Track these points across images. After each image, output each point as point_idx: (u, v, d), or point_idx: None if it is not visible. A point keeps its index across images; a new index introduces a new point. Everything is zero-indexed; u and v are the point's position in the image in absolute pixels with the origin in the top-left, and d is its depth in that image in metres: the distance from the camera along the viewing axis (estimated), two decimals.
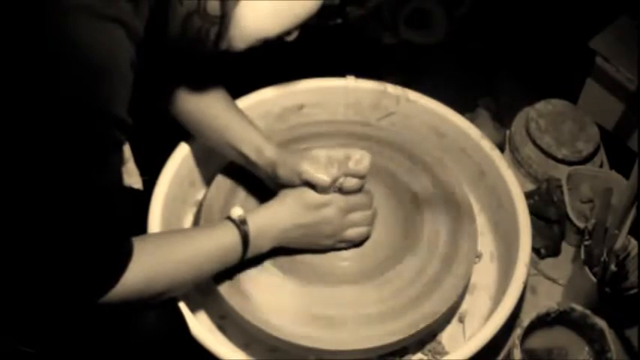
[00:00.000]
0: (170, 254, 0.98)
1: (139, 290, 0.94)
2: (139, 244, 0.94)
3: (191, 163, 1.31)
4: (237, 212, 1.06)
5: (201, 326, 1.09)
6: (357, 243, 1.18)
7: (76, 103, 0.81)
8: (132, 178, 1.21)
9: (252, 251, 1.08)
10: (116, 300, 0.91)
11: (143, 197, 1.21)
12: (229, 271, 1.14)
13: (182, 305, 1.09)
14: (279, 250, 1.15)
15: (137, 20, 0.86)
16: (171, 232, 1.14)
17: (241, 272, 1.14)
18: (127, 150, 1.21)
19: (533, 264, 1.36)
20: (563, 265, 1.39)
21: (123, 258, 0.91)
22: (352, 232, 1.15)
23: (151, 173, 1.24)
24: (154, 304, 0.98)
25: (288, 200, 1.10)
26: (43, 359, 0.97)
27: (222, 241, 1.04)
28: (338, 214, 1.12)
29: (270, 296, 1.13)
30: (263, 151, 1.16)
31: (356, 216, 1.14)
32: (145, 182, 1.23)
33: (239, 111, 1.20)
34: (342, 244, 1.16)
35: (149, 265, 0.94)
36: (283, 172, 1.13)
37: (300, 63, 1.48)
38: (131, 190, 1.21)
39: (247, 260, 1.15)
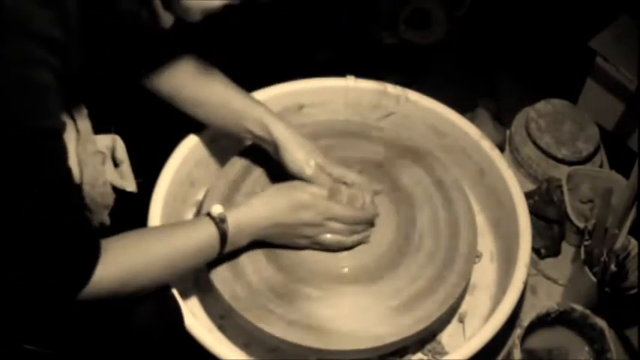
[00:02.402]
0: (147, 252, 0.99)
1: (116, 287, 0.95)
2: (116, 243, 0.95)
3: (191, 163, 1.31)
4: (217, 210, 1.06)
5: (201, 326, 1.09)
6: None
7: (3, 121, 0.82)
8: (126, 181, 1.21)
9: (229, 248, 1.08)
10: (93, 296, 0.92)
11: (143, 198, 1.21)
12: (229, 271, 1.14)
13: (182, 305, 1.09)
14: (279, 250, 1.16)
15: (57, 29, 0.86)
16: (149, 229, 1.14)
17: (242, 272, 1.14)
18: (122, 153, 1.21)
19: (533, 264, 1.36)
20: (563, 265, 1.39)
21: (91, 258, 0.92)
22: (330, 238, 1.15)
23: (150, 175, 1.24)
24: (133, 298, 0.99)
25: (272, 199, 1.10)
26: (42, 357, 0.97)
27: (199, 239, 1.05)
28: (318, 219, 1.12)
29: (271, 296, 1.13)
30: (269, 128, 1.17)
31: (336, 226, 1.14)
32: (140, 185, 1.23)
33: (240, 89, 1.21)
34: (317, 246, 1.16)
35: (126, 263, 0.96)
36: (289, 159, 1.16)
37: (301, 63, 1.48)
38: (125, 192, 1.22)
39: (249, 259, 1.15)
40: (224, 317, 1.21)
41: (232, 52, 1.54)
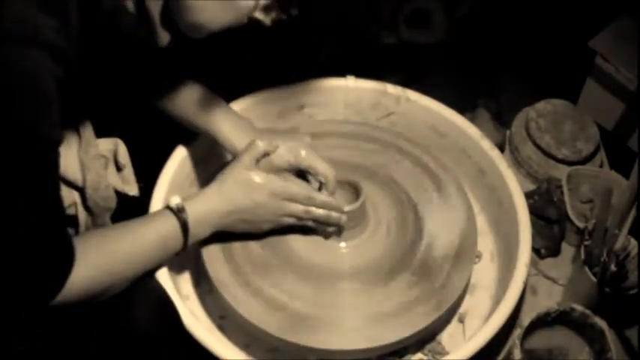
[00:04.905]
0: (112, 250, 1.00)
1: (87, 288, 0.95)
2: (81, 244, 0.95)
3: (190, 163, 1.31)
4: (174, 200, 1.06)
5: (201, 326, 1.09)
6: (357, 244, 1.18)
7: (4, 128, 0.83)
8: (128, 185, 1.22)
9: (192, 239, 1.08)
10: (66, 301, 0.93)
11: (145, 202, 1.21)
12: (229, 271, 1.14)
13: (182, 305, 1.09)
14: (280, 250, 1.16)
15: (63, 39, 0.87)
16: (112, 227, 1.13)
17: (242, 272, 1.14)
18: (125, 156, 1.21)
19: (533, 264, 1.36)
20: (563, 265, 1.39)
21: (66, 264, 0.93)
22: (290, 221, 1.14)
23: (152, 179, 1.24)
24: (102, 300, 0.99)
25: (224, 186, 1.09)
26: (40, 357, 0.97)
27: (162, 231, 1.05)
28: (271, 199, 1.10)
29: (271, 296, 1.13)
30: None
31: (295, 207, 1.12)
32: (142, 189, 1.24)
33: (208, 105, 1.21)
34: (280, 225, 1.14)
35: (93, 264, 0.96)
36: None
37: (301, 63, 1.48)
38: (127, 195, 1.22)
39: (248, 260, 1.15)
40: (224, 317, 1.21)
41: (232, 52, 1.54)
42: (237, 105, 1.30)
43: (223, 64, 1.24)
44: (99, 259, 0.97)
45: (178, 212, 1.05)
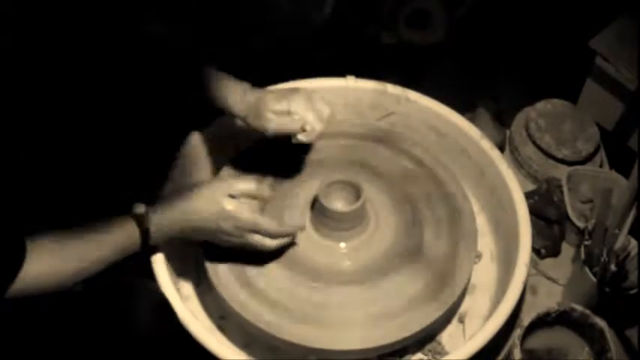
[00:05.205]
0: (72, 254, 1.00)
1: (42, 285, 0.96)
2: (41, 242, 0.96)
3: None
4: (139, 209, 1.07)
5: (201, 326, 1.09)
6: (357, 245, 1.18)
7: None
8: None
9: (151, 244, 1.08)
10: (18, 294, 0.94)
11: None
12: (229, 271, 1.14)
13: (181, 306, 1.09)
14: (280, 251, 1.16)
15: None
16: (74, 231, 1.10)
17: (242, 272, 1.14)
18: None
19: (533, 264, 1.36)
20: (563, 265, 1.39)
21: (17, 258, 0.94)
22: (255, 243, 1.13)
23: (151, 181, 1.24)
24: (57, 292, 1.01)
25: (195, 202, 1.09)
26: (39, 356, 0.98)
27: (121, 238, 1.05)
28: (237, 231, 1.10)
29: (271, 296, 1.13)
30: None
31: (255, 239, 1.12)
32: (140, 193, 1.23)
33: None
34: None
35: (51, 264, 0.97)
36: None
37: (301, 63, 1.48)
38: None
39: (248, 260, 1.15)
40: (224, 317, 1.21)
41: (232, 52, 1.54)
42: None
43: (223, 64, 1.24)
44: (53, 261, 0.97)
45: (141, 221, 1.05)
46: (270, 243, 1.13)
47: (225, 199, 1.09)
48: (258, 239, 1.11)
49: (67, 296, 1.01)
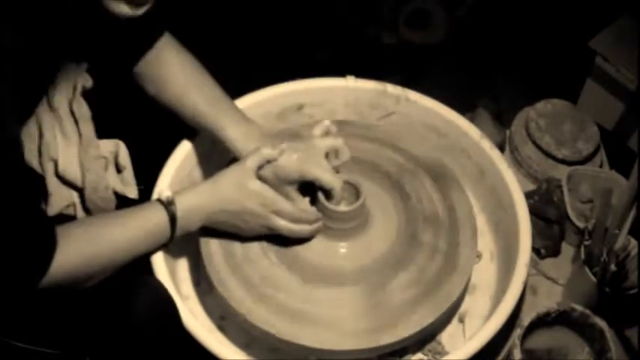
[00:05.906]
0: (100, 237, 1.02)
1: (72, 273, 0.97)
2: (65, 232, 0.97)
3: (191, 162, 1.31)
4: (165, 193, 1.07)
5: (201, 326, 1.09)
6: (357, 245, 1.18)
7: None
8: (128, 187, 1.22)
9: (179, 232, 1.09)
10: (52, 283, 0.95)
11: (142, 203, 1.21)
12: (230, 271, 1.14)
13: (182, 306, 1.09)
14: (280, 251, 1.16)
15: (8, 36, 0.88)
16: (102, 215, 1.15)
17: (242, 272, 1.14)
18: (125, 158, 1.21)
19: (533, 264, 1.36)
20: (563, 265, 1.39)
21: (48, 248, 0.95)
22: (270, 231, 1.14)
23: (149, 180, 1.24)
24: (89, 285, 1.01)
25: (219, 185, 1.10)
26: (41, 355, 0.98)
27: (149, 222, 1.06)
28: (261, 209, 1.11)
29: (271, 296, 1.13)
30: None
31: (279, 223, 1.13)
32: (141, 191, 1.23)
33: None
34: (268, 231, 1.15)
35: (81, 249, 0.98)
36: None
37: (300, 63, 1.48)
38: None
39: (248, 260, 1.15)
40: (224, 317, 1.21)
41: (232, 52, 1.54)
42: (237, 105, 1.30)
43: (223, 64, 1.24)
44: (83, 247, 0.99)
45: (168, 205, 1.06)
46: (295, 227, 1.13)
47: (247, 178, 1.10)
48: (283, 223, 1.12)
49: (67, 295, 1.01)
